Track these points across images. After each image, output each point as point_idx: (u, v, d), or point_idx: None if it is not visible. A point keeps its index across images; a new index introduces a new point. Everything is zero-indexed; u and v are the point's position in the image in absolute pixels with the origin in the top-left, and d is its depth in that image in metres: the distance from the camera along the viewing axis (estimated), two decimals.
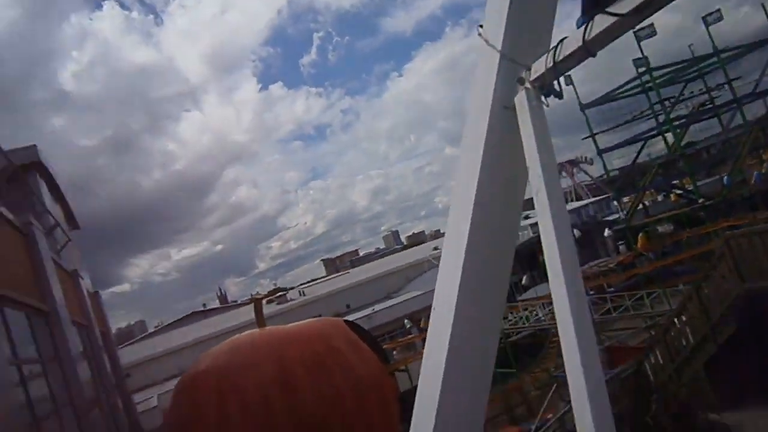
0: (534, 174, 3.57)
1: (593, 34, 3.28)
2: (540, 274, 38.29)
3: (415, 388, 3.98)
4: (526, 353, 26.68)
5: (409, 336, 28.60)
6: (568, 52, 3.44)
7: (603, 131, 42.54)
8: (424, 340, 4.28)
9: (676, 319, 11.93)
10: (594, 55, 3.41)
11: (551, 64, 3.56)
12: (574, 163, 74.98)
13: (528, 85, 3.78)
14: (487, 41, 4.03)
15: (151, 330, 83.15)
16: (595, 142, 42.15)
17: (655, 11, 3.07)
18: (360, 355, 15.63)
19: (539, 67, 3.69)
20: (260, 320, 17.54)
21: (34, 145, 12.37)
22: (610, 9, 3.14)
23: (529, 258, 41.76)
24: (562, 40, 3.51)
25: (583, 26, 3.35)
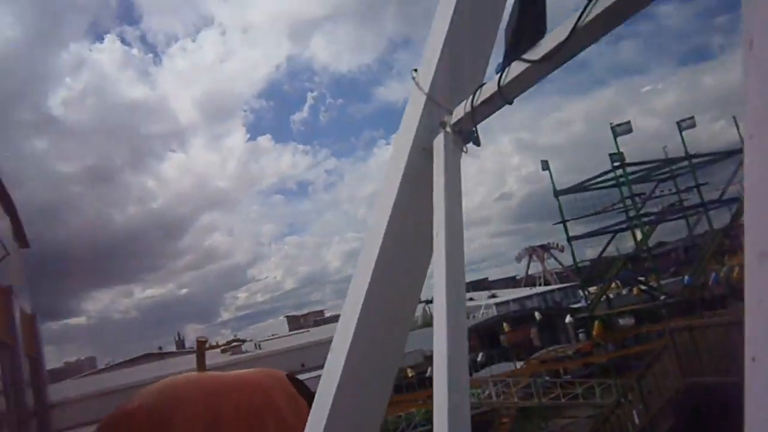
0: (437, 219, 3.50)
1: (508, 80, 3.30)
2: (498, 354, 37.94)
3: None
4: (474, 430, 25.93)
5: None
6: (484, 98, 3.45)
7: (574, 219, 43.28)
8: None
9: (616, 410, 11.75)
10: (510, 102, 3.42)
11: (469, 110, 3.57)
12: (545, 248, 75.88)
13: (448, 129, 3.77)
14: (417, 83, 4.06)
15: (100, 367, 79.91)
16: (566, 228, 42.79)
17: (568, 59, 3.10)
18: (298, 412, 14.97)
19: (459, 111, 3.70)
20: (201, 363, 16.76)
21: None
22: (524, 56, 3.17)
23: (490, 336, 41.56)
24: (480, 86, 3.53)
25: (500, 73, 3.37)
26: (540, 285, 67.92)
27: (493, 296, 57.47)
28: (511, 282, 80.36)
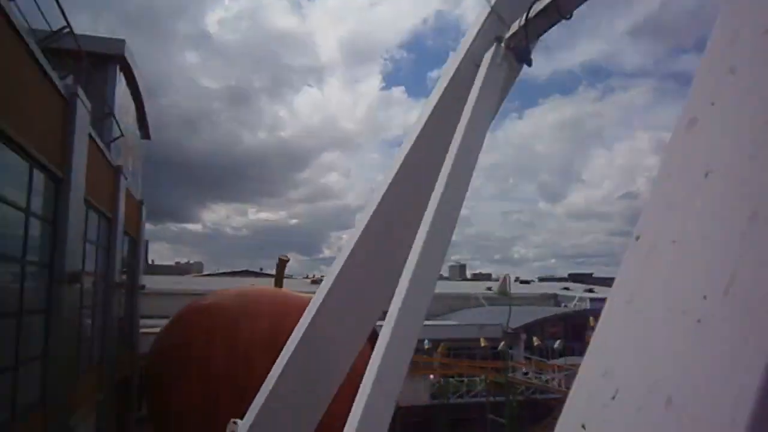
0: (460, 126, 3.25)
1: None
2: (580, 347, 36.55)
3: None
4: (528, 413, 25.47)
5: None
6: (538, 9, 3.15)
7: None
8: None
9: None
10: (567, 17, 3.09)
11: (523, 22, 3.27)
12: None
13: (502, 43, 3.48)
14: None
15: (205, 273, 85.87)
16: None
17: None
18: None
19: (515, 26, 3.41)
20: (278, 280, 17.67)
21: (123, 40, 13.02)
22: None
23: (575, 328, 40.03)
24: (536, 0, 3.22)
25: None
26: None
27: (591, 291, 55.14)
28: None
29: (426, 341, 29.40)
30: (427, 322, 42.72)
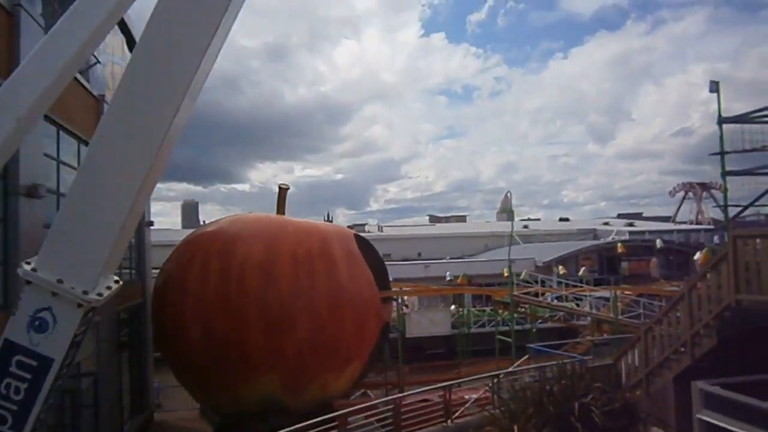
0: None
1: None
2: (615, 279, 35.92)
3: None
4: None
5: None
6: None
7: (735, 152, 38.23)
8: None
9: (660, 322, 10.51)
10: None
11: None
12: (705, 186, 68.61)
13: None
14: None
15: None
16: (722, 162, 38.02)
17: None
18: (354, 269, 15.38)
19: None
20: (280, 207, 17.74)
21: None
22: None
23: (610, 260, 39.28)
24: None
25: None
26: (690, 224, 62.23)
27: (631, 224, 53.85)
28: (666, 221, 74.67)
29: (448, 274, 29.41)
30: (458, 260, 42.89)
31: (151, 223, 18.68)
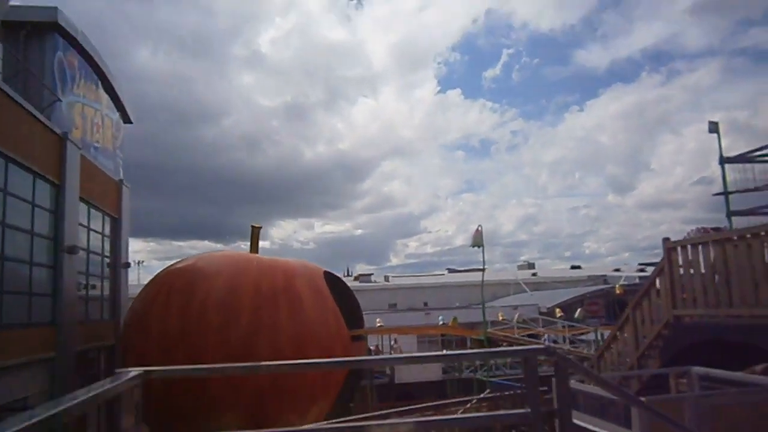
0: None
1: None
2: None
3: None
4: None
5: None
6: None
7: (739, 192, 37.62)
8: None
9: (611, 344, 10.04)
10: None
11: None
12: (719, 231, 67.25)
13: None
14: None
15: None
16: (727, 201, 37.40)
17: None
18: (320, 306, 15.13)
19: None
20: (253, 246, 17.72)
21: (55, 8, 13.36)
22: None
23: (620, 304, 38.31)
24: None
25: None
26: None
27: (642, 270, 52.65)
28: None
29: (440, 318, 28.90)
30: (456, 308, 42.26)
31: (128, 265, 18.75)
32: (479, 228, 19.08)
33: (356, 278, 55.09)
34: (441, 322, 28.64)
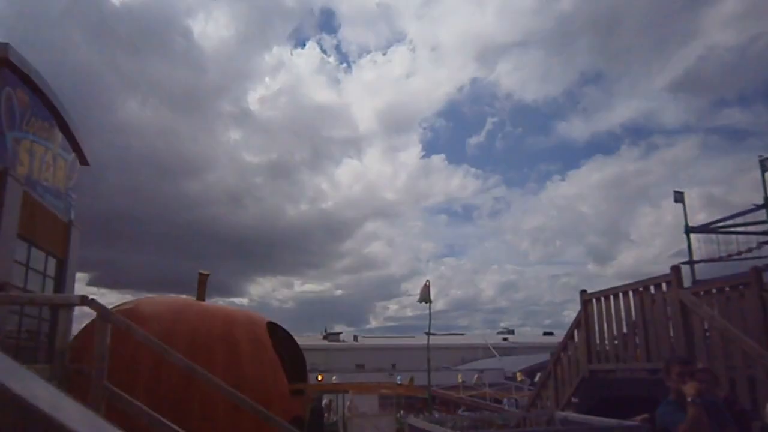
0: None
1: None
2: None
3: None
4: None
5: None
6: None
7: (704, 261, 38.19)
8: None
9: (536, 399, 9.81)
10: None
11: None
12: None
13: None
14: None
15: None
16: (692, 272, 37.88)
17: None
18: (258, 356, 14.71)
19: None
20: (200, 294, 17.37)
21: (7, 43, 13.44)
22: None
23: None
24: None
25: None
26: None
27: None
28: None
29: (399, 378, 28.38)
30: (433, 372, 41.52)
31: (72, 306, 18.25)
32: (427, 283, 18.93)
33: (325, 337, 54.21)
34: (399, 382, 28.09)
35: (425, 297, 18.31)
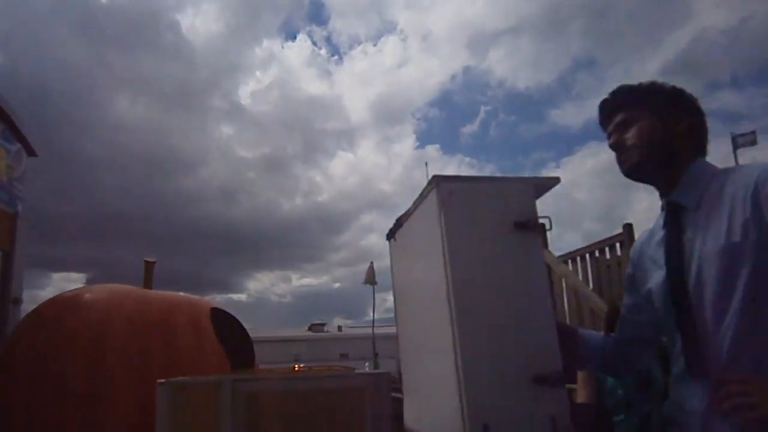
0: None
1: None
2: None
3: None
4: None
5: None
6: None
7: None
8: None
9: None
10: None
11: None
12: None
13: None
14: None
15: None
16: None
17: None
18: (199, 343, 14.59)
19: None
20: (146, 282, 17.24)
21: None
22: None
23: None
24: None
25: None
26: None
27: None
28: None
29: (367, 364, 28.21)
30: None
31: (18, 301, 18.12)
32: (371, 264, 18.74)
33: (309, 328, 54.19)
34: (366, 368, 27.99)
35: (370, 279, 18.08)
